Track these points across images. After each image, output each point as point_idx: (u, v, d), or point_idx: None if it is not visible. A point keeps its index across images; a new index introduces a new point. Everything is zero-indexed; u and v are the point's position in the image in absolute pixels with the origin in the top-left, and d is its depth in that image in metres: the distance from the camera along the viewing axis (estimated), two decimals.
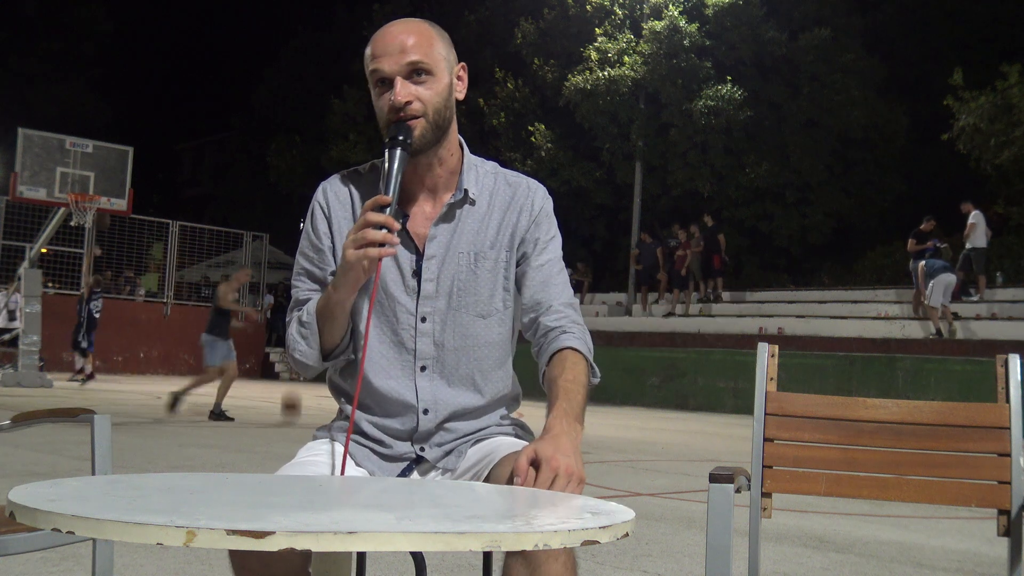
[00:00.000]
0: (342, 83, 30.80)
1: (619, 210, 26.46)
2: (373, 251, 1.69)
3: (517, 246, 1.91)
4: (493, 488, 1.52)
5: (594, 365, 1.86)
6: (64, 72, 37.67)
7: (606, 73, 23.98)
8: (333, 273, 1.84)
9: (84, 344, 17.53)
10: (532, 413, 2.49)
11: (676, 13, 23.56)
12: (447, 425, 1.86)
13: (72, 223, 17.82)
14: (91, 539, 1.74)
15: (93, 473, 2.15)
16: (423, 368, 1.85)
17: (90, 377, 17.69)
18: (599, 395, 19.96)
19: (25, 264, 17.77)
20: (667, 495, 6.53)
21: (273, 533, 0.99)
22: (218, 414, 11.07)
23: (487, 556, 1.51)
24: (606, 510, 1.25)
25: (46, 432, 8.13)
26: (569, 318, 1.89)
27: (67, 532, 1.03)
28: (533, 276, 1.90)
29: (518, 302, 1.93)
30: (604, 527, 1.12)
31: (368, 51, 1.82)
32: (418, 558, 1.63)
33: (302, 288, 1.91)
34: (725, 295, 22.28)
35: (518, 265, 1.91)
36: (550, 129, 26.12)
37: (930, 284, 16.84)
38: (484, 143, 28.21)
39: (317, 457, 1.84)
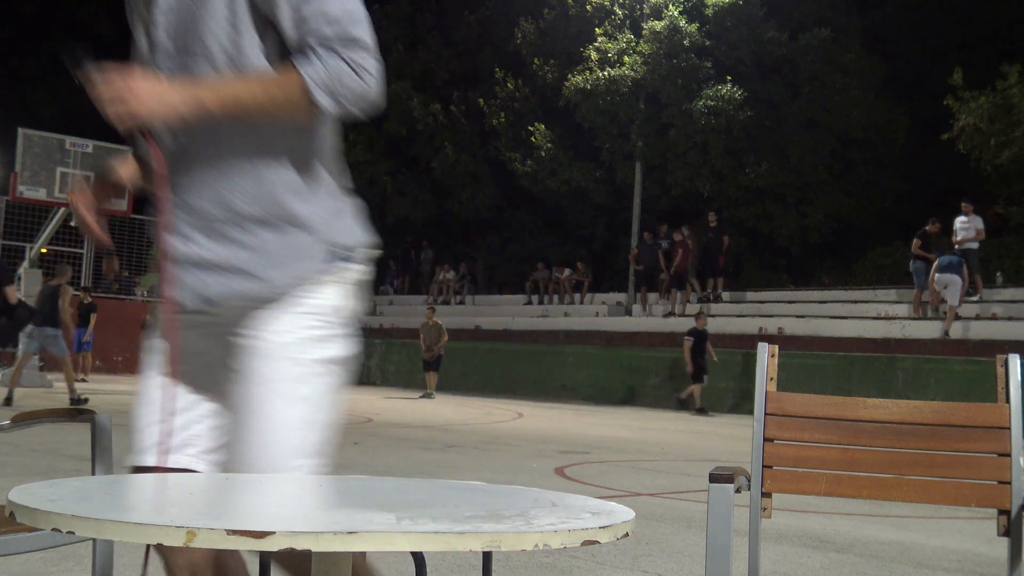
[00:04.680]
0: None
1: (619, 210, 26.44)
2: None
3: None
4: (493, 488, 1.52)
5: (319, 95, 1.60)
6: (64, 72, 37.66)
7: (606, 73, 23.97)
8: None
9: None
10: (532, 413, 2.49)
11: (676, 13, 23.55)
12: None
13: (72, 223, 17.78)
14: (91, 539, 1.74)
15: (93, 473, 2.15)
16: None
17: None
18: (600, 395, 19.98)
19: (25, 264, 17.77)
20: (667, 495, 6.53)
21: (273, 533, 0.99)
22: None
23: (487, 556, 1.51)
24: (606, 510, 1.25)
25: (46, 432, 8.12)
26: (327, 51, 1.61)
27: (67, 532, 1.03)
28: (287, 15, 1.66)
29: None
30: (604, 527, 1.12)
31: None
32: (418, 558, 1.63)
33: None
34: (725, 295, 22.25)
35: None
36: (550, 129, 26.10)
37: (946, 283, 16.85)
38: (484, 143, 28.18)
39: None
